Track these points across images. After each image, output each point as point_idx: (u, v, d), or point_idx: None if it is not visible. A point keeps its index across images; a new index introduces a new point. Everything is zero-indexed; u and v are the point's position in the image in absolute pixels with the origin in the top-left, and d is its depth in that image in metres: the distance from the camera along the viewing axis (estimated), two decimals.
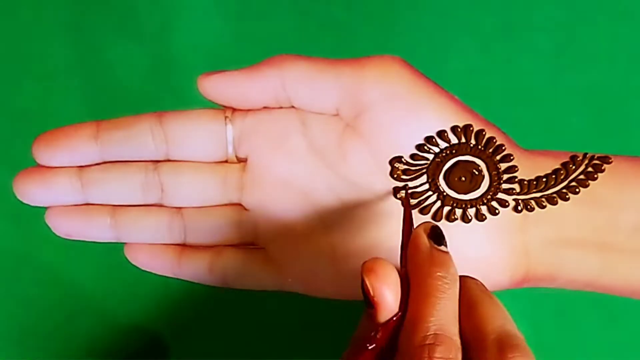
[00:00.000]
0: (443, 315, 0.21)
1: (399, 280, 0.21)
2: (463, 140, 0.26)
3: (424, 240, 0.22)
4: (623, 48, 0.40)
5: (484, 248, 0.26)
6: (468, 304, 0.22)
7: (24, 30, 0.40)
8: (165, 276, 0.28)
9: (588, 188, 0.26)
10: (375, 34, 0.40)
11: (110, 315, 0.39)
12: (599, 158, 0.26)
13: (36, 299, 0.39)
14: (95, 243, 0.28)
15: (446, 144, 0.26)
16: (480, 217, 0.26)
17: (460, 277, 0.22)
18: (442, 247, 0.22)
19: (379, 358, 0.21)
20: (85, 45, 0.40)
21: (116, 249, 0.28)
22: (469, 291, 0.22)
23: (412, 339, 0.20)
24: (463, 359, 0.20)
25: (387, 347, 0.21)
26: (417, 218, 0.26)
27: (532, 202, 0.26)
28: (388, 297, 0.21)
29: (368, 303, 0.21)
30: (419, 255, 0.22)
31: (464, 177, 0.26)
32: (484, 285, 0.23)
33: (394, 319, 0.21)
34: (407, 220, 0.24)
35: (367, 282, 0.21)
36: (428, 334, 0.20)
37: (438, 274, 0.21)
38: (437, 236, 0.23)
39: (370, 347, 0.21)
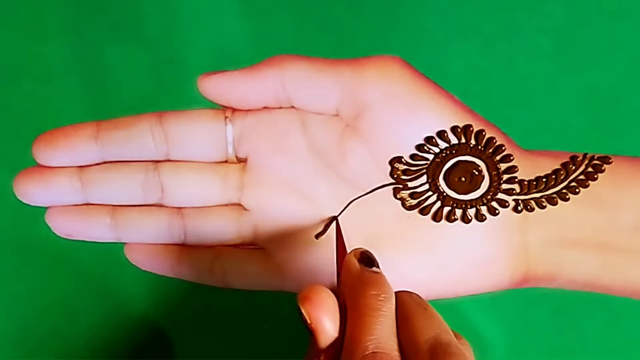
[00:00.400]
0: (379, 333, 0.21)
1: (336, 305, 0.22)
2: (463, 140, 0.26)
3: (355, 264, 0.23)
4: (623, 48, 0.40)
5: (484, 248, 0.26)
6: (402, 318, 0.22)
7: (24, 30, 0.40)
8: (165, 276, 0.28)
9: (588, 188, 0.26)
10: (375, 34, 0.40)
11: (110, 316, 0.39)
12: (599, 158, 0.26)
13: (36, 298, 0.39)
14: (95, 243, 0.28)
15: (446, 144, 0.26)
16: (480, 217, 0.26)
17: (396, 292, 0.22)
18: (374, 269, 0.23)
19: None
20: (85, 45, 0.40)
21: (116, 248, 0.28)
22: (403, 305, 0.22)
23: None
24: None
25: None
26: (417, 218, 0.26)
27: (532, 202, 0.26)
28: (325, 323, 0.21)
29: (307, 330, 0.21)
30: (351, 279, 0.22)
31: (464, 178, 0.26)
32: (420, 298, 0.23)
33: (335, 343, 0.21)
34: (340, 248, 0.25)
35: (303, 310, 0.21)
36: (366, 353, 0.20)
37: (371, 292, 0.21)
38: (367, 260, 0.23)
39: None
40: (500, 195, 0.26)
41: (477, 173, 0.26)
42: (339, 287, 0.23)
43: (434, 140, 0.25)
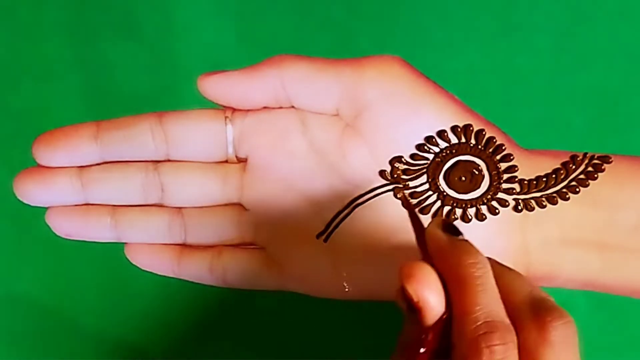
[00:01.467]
0: (488, 301, 0.20)
1: (439, 280, 0.21)
2: (463, 140, 0.26)
3: (441, 235, 0.22)
4: (623, 48, 0.40)
5: (484, 248, 0.26)
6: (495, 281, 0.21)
7: (24, 30, 0.40)
8: (165, 276, 0.28)
9: (588, 188, 0.26)
10: (375, 34, 0.40)
11: (110, 316, 0.39)
12: (599, 158, 0.26)
13: (36, 299, 0.39)
14: (95, 243, 0.28)
15: (446, 144, 0.26)
16: (480, 216, 0.26)
17: None
18: (461, 237, 0.22)
19: (435, 359, 0.21)
20: (85, 45, 0.40)
21: (116, 249, 0.28)
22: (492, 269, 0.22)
23: (465, 333, 0.20)
24: None
25: (439, 347, 0.21)
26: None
27: (532, 201, 0.26)
28: (432, 299, 0.21)
29: (412, 308, 0.21)
30: (442, 251, 0.22)
31: (464, 177, 0.26)
32: (499, 262, 0.22)
33: (442, 318, 0.21)
34: (415, 220, 0.24)
35: (409, 289, 0.21)
36: (479, 323, 0.20)
37: (469, 262, 0.21)
38: (451, 228, 0.22)
39: (423, 351, 0.21)
40: (500, 195, 0.26)
41: (477, 172, 0.26)
42: (428, 261, 0.22)
43: (434, 139, 0.25)
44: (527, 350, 0.20)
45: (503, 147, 0.26)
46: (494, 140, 0.26)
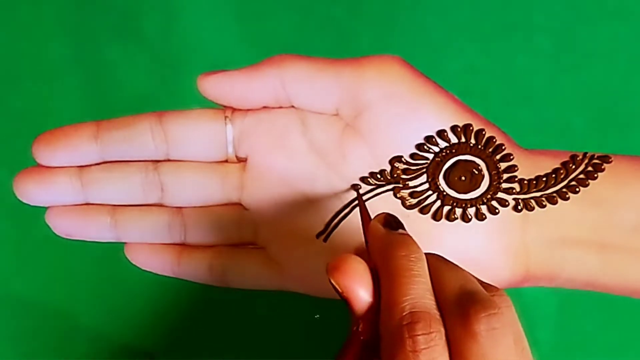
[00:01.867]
0: (414, 293, 0.20)
1: (367, 271, 0.21)
2: (463, 139, 0.26)
3: (379, 228, 0.22)
4: (623, 48, 0.40)
5: (483, 247, 0.26)
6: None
7: (24, 30, 0.40)
8: (165, 276, 0.28)
9: (588, 187, 0.26)
10: (375, 34, 0.40)
11: (110, 315, 0.39)
12: (599, 157, 0.26)
13: (36, 299, 0.39)
14: (95, 243, 0.28)
15: (446, 144, 0.26)
16: (480, 216, 0.26)
17: None
18: (400, 231, 0.22)
19: (367, 349, 0.21)
20: (85, 45, 0.40)
21: (116, 249, 0.28)
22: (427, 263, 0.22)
23: (391, 323, 0.20)
24: None
25: (373, 337, 0.21)
26: (417, 217, 0.26)
27: (532, 201, 0.26)
28: (357, 290, 0.21)
29: (342, 299, 0.21)
30: (378, 243, 0.22)
31: (464, 177, 0.26)
32: (441, 256, 0.22)
33: (372, 308, 0.21)
34: (365, 217, 0.24)
35: (333, 280, 0.21)
36: (404, 314, 0.20)
37: (400, 254, 0.21)
38: (391, 223, 0.23)
39: (354, 340, 0.21)
40: (500, 195, 0.26)
41: (477, 172, 0.26)
42: (369, 254, 0.22)
43: (433, 139, 0.26)
44: (454, 343, 0.19)
45: (503, 147, 0.26)
46: (494, 140, 0.26)
